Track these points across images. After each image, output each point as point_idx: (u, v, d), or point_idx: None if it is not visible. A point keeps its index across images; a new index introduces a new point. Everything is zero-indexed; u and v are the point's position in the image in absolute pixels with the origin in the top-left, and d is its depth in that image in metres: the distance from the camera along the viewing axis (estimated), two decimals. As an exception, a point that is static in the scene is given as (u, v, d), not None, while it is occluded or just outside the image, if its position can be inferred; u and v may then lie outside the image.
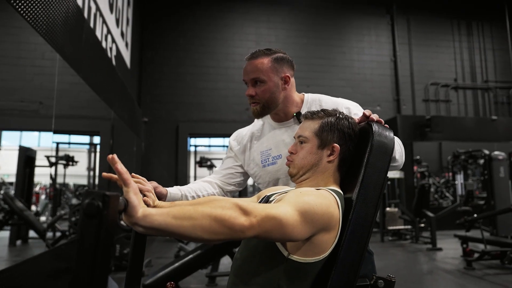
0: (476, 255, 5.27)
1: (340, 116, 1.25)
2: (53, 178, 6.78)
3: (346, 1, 9.99)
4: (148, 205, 1.22)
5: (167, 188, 1.45)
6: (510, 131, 9.60)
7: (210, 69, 9.06)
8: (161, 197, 1.39)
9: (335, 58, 9.64)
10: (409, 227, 7.44)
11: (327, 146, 1.21)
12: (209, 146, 10.50)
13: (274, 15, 9.54)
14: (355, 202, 1.11)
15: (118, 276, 4.58)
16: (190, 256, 2.54)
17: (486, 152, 7.20)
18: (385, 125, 1.23)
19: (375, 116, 1.25)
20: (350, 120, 1.25)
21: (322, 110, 1.27)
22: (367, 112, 1.26)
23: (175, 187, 1.51)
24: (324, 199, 1.05)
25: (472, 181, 9.21)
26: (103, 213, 0.69)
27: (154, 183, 1.35)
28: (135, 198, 0.81)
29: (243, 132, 1.68)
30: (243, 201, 0.90)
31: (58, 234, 5.84)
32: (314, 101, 1.54)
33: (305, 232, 0.98)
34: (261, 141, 1.60)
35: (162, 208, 0.83)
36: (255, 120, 1.66)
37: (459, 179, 9.23)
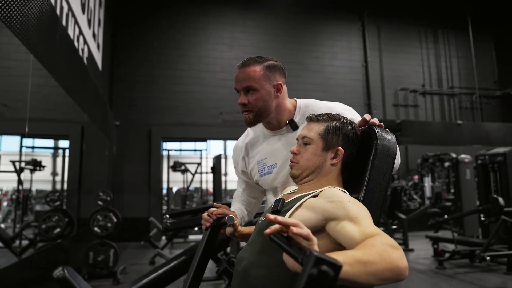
0: (447, 255, 5.44)
1: (345, 120, 1.26)
2: (21, 185, 6.47)
3: (319, 7, 10.15)
4: (236, 228, 1.42)
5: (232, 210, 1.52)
6: (474, 135, 10.04)
7: (183, 72, 8.96)
8: None
9: (308, 63, 9.77)
10: (382, 229, 7.58)
11: (331, 148, 1.21)
12: (180, 150, 10.36)
13: (249, 20, 9.58)
14: (362, 203, 1.11)
15: (92, 284, 4.46)
16: (174, 262, 2.46)
17: (454, 155, 7.47)
18: (386, 129, 1.25)
19: (375, 120, 1.27)
20: (353, 125, 1.26)
21: (327, 113, 1.28)
22: (367, 116, 1.28)
23: (232, 208, 1.60)
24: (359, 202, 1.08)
25: (439, 183, 9.53)
26: (333, 284, 0.65)
27: (226, 207, 1.43)
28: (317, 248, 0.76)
29: (239, 146, 1.67)
30: (387, 238, 0.87)
31: (25, 242, 5.58)
32: (307, 107, 1.53)
33: None
34: (256, 150, 1.59)
35: (335, 253, 0.78)
36: (248, 129, 1.64)
37: (427, 181, 9.52)
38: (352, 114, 1.48)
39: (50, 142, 8.33)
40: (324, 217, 1.04)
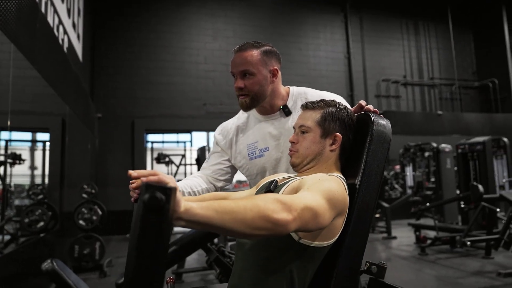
0: (429, 241, 5.60)
1: (340, 106, 1.27)
2: (3, 179, 6.32)
3: (302, -2, 10.17)
4: None
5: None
6: (453, 125, 10.31)
7: (166, 64, 8.85)
8: None
9: (292, 53, 9.78)
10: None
11: (329, 135, 1.23)
12: (163, 142, 10.26)
13: (232, 10, 9.50)
14: (359, 188, 1.15)
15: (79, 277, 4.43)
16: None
17: (434, 145, 7.64)
18: (380, 115, 1.28)
19: (370, 107, 1.29)
20: (348, 110, 1.28)
21: (322, 100, 1.29)
22: (363, 102, 1.31)
23: (181, 181, 1.54)
24: (339, 183, 1.07)
25: (419, 172, 9.74)
26: (166, 207, 0.67)
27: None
28: (179, 193, 0.77)
29: (228, 126, 1.67)
30: (282, 196, 0.89)
31: (7, 237, 5.47)
32: (300, 94, 1.56)
33: (329, 219, 0.99)
34: (247, 134, 1.60)
35: (202, 202, 0.80)
36: (240, 113, 1.66)
37: (409, 171, 9.71)
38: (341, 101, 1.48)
39: (27, 135, 8.14)
40: (295, 190, 1.07)
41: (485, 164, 6.20)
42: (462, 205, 6.11)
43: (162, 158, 7.97)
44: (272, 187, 1.18)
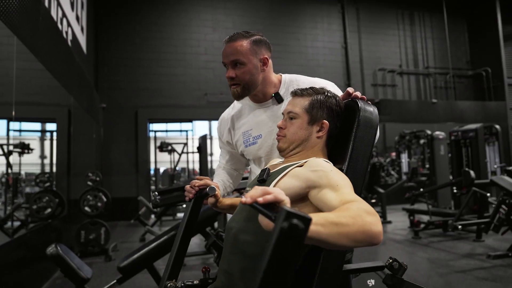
0: (422, 225, 5.78)
1: (328, 94, 1.28)
2: (10, 167, 6.50)
3: (300, -11, 10.23)
4: (217, 199, 1.42)
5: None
6: (447, 113, 10.49)
7: (167, 55, 9.00)
8: None
9: (290, 44, 9.91)
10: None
11: (316, 122, 1.24)
12: (166, 131, 10.44)
13: (231, 2, 9.60)
14: (346, 173, 1.15)
15: (85, 262, 4.56)
16: (164, 237, 2.54)
17: (429, 132, 7.82)
18: (368, 101, 1.30)
19: (358, 93, 1.31)
20: (337, 98, 1.29)
21: (311, 87, 1.30)
22: (351, 89, 1.32)
23: (214, 180, 1.61)
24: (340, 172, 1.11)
25: (415, 159, 9.95)
26: (304, 237, 0.66)
27: (207, 178, 1.44)
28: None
29: (225, 117, 1.70)
30: (364, 204, 0.88)
31: (17, 223, 5.67)
32: (292, 81, 1.58)
33: None
34: (242, 122, 1.63)
35: (314, 214, 0.79)
36: (235, 102, 1.68)
37: (404, 157, 9.92)
38: (333, 89, 1.50)
39: (37, 126, 8.28)
40: (307, 185, 1.07)
41: (477, 150, 6.37)
42: (455, 190, 6.27)
43: (164, 147, 8.16)
44: (265, 176, 1.20)
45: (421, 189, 6.58)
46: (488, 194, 5.46)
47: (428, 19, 11.46)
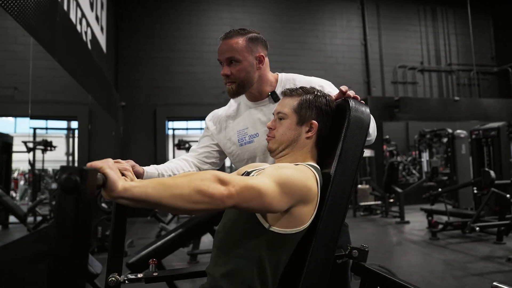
0: (440, 226, 5.64)
1: (318, 93, 1.27)
2: (32, 164, 6.72)
3: (318, -14, 10.16)
4: None
5: (143, 167, 1.44)
6: (471, 111, 10.21)
7: (186, 54, 9.10)
8: (138, 175, 1.36)
9: (308, 42, 9.86)
10: (379, 202, 7.84)
11: (305, 122, 1.23)
12: (187, 129, 10.58)
13: (249, 0, 9.62)
14: (334, 175, 1.13)
15: (101, 257, 4.65)
16: (172, 234, 2.56)
17: (450, 130, 7.64)
18: (361, 101, 1.27)
19: (351, 93, 1.28)
20: (327, 97, 1.27)
21: (301, 87, 1.29)
22: (344, 88, 1.29)
23: (151, 166, 1.51)
24: (301, 172, 1.08)
25: (437, 158, 9.74)
26: (81, 188, 0.67)
27: (131, 162, 1.33)
28: (113, 173, 0.80)
29: (219, 113, 1.68)
30: (222, 173, 0.92)
31: (39, 218, 5.87)
32: (288, 80, 1.56)
33: (284, 203, 1.00)
34: (237, 120, 1.61)
35: (144, 180, 0.84)
36: (231, 100, 1.66)
37: (425, 156, 9.74)
38: (331, 88, 1.50)
39: (63, 124, 8.55)
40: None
41: (499, 149, 6.19)
42: (475, 191, 6.15)
43: (182, 144, 8.26)
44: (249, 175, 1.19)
45: (439, 189, 6.44)
46: (508, 196, 5.29)
47: (451, 14, 11.18)
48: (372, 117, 1.43)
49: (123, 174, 1.12)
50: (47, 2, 2.87)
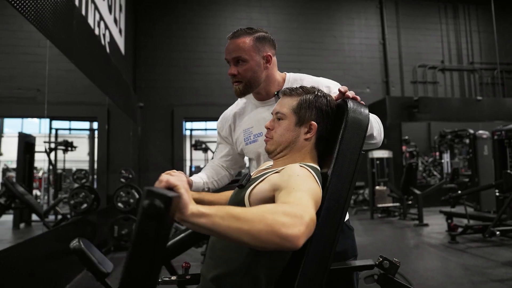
0: (460, 229, 5.50)
1: (319, 93, 1.23)
2: (53, 164, 6.90)
3: (335, -15, 10.08)
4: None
5: (191, 177, 1.46)
6: (494, 111, 9.91)
7: (203, 54, 9.17)
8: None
9: (326, 41, 9.79)
10: (397, 204, 7.73)
11: (304, 123, 1.20)
12: (206, 129, 10.68)
13: (265, 0, 9.61)
14: (330, 177, 1.11)
15: (117, 256, 4.75)
16: (182, 235, 2.44)
17: (471, 131, 7.47)
18: (361, 101, 1.23)
19: (350, 93, 1.24)
20: (328, 98, 1.24)
21: (301, 87, 1.25)
22: (343, 88, 1.25)
23: (194, 175, 1.53)
24: (314, 180, 1.05)
25: (459, 159, 9.53)
26: (164, 216, 0.67)
27: (182, 173, 1.34)
28: (186, 195, 0.77)
29: (227, 114, 1.68)
30: (290, 206, 0.84)
31: (59, 217, 6.03)
32: (296, 80, 1.54)
33: None
34: (244, 119, 1.60)
35: (212, 207, 0.78)
36: (239, 99, 1.66)
37: (446, 158, 9.54)
38: (337, 90, 1.43)
39: (86, 124, 8.78)
40: (272, 188, 1.04)
41: (522, 151, 6.02)
42: (497, 193, 5.99)
43: (199, 145, 8.33)
44: (244, 182, 1.16)
45: (459, 191, 6.29)
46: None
47: (473, 11, 10.90)
48: (378, 119, 1.41)
49: None
50: (64, 6, 2.94)
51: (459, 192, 6.23)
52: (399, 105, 9.26)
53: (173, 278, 1.26)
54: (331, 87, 1.48)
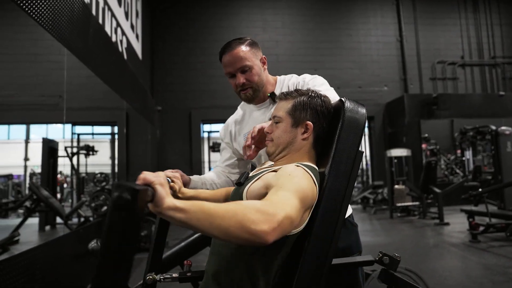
0: (481, 228, 5.37)
1: (313, 94, 1.26)
2: (75, 168, 7.11)
3: (350, -16, 10.01)
4: (174, 190, 1.32)
5: (190, 176, 1.53)
6: (518, 106, 9.65)
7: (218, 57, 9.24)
8: (185, 184, 1.44)
9: (342, 40, 9.72)
10: (417, 203, 7.61)
11: (300, 124, 1.23)
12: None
13: (279, 1, 9.63)
14: (327, 176, 1.13)
15: (136, 257, 4.79)
16: (194, 236, 2.44)
17: (493, 127, 7.28)
18: (357, 101, 1.25)
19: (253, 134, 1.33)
20: (323, 98, 1.26)
21: (296, 90, 1.30)
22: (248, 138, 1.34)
23: (195, 175, 1.58)
24: (308, 178, 1.07)
25: (483, 156, 9.29)
26: (132, 207, 0.70)
27: (180, 172, 1.41)
28: (162, 190, 0.81)
29: (229, 122, 1.74)
30: (263, 203, 0.88)
31: (82, 219, 6.19)
32: (286, 78, 1.62)
33: (300, 218, 0.99)
34: (243, 125, 1.67)
35: (188, 201, 0.83)
36: (239, 107, 1.74)
37: (468, 155, 9.32)
38: (316, 83, 1.51)
39: (107, 129, 9.00)
40: (265, 185, 1.08)
41: (546, 147, 5.85)
42: (521, 191, 5.82)
43: (216, 147, 8.41)
44: (242, 180, 1.20)
45: (480, 189, 6.13)
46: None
47: (494, 4, 10.60)
48: (334, 91, 1.47)
49: (172, 181, 1.26)
50: (80, 14, 3.01)
51: (480, 190, 6.08)
52: (418, 103, 9.10)
53: (174, 275, 1.29)
54: (316, 80, 1.53)
